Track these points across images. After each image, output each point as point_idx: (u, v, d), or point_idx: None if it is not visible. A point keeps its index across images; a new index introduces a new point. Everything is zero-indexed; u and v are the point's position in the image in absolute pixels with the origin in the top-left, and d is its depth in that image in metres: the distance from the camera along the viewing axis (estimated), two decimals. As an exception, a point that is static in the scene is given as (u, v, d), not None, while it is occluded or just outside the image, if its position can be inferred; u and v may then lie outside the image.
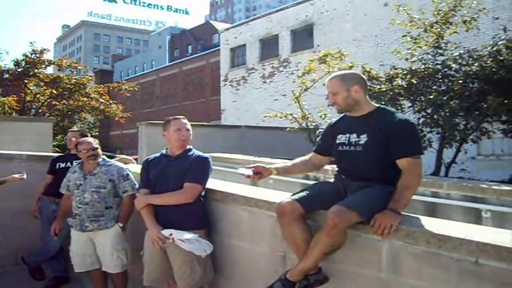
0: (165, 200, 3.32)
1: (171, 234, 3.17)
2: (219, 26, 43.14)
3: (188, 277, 3.22)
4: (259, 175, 2.97)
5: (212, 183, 3.58)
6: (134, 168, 4.88)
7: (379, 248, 2.48)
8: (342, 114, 2.94)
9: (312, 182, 5.62)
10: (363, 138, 2.69)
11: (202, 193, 3.40)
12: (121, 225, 3.97)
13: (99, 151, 4.13)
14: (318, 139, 3.24)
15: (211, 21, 53.08)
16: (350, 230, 2.53)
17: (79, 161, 4.23)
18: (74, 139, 5.08)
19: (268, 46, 21.53)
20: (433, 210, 5.01)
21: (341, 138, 2.82)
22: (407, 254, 2.38)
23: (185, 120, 3.53)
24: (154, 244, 3.26)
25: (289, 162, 3.15)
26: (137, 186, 3.95)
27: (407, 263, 2.38)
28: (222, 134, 11.96)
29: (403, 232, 2.38)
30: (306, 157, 3.14)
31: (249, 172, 2.96)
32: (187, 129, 3.48)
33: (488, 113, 6.47)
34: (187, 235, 3.15)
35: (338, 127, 2.91)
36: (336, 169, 2.94)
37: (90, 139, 4.23)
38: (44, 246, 5.00)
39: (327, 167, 3.32)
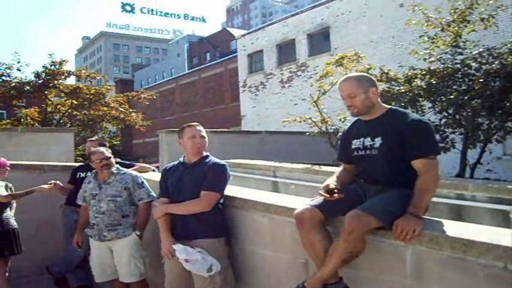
0: (181, 209, 3.30)
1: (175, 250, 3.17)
2: (236, 32, 43.28)
3: (208, 286, 3.18)
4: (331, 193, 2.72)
5: (231, 190, 3.55)
6: (154, 177, 4.91)
7: (402, 254, 2.42)
8: (355, 119, 2.90)
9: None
10: (378, 142, 2.64)
11: (221, 200, 3.37)
12: (138, 233, 3.97)
13: (112, 160, 4.16)
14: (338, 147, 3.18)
15: (228, 28, 53.26)
16: (372, 236, 2.49)
17: (94, 171, 4.26)
18: (92, 148, 5.18)
19: (285, 51, 21.48)
20: (458, 213, 4.91)
21: (356, 143, 2.78)
22: (432, 260, 2.31)
23: (199, 127, 3.50)
24: (165, 257, 3.26)
25: (335, 175, 2.92)
26: (152, 193, 3.98)
27: (432, 269, 2.32)
28: (241, 140, 11.94)
29: (426, 237, 2.31)
30: (341, 167, 3.04)
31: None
32: (202, 136, 3.44)
33: (510, 112, 6.30)
34: (186, 255, 3.10)
35: (352, 132, 2.87)
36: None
37: (102, 149, 4.25)
38: (67, 256, 5.06)
39: None
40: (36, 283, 5.35)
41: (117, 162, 4.90)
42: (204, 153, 3.47)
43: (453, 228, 2.35)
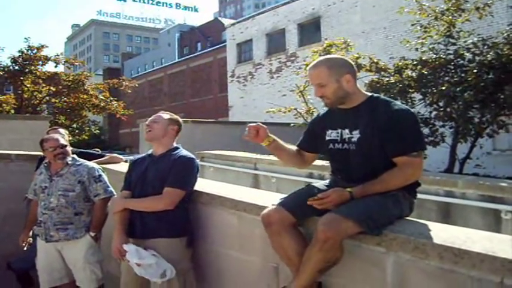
0: (142, 205, 2.98)
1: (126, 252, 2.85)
2: (228, 22, 42.85)
3: None
4: (253, 134, 2.59)
5: (198, 184, 3.21)
6: (122, 168, 4.57)
7: (383, 262, 2.12)
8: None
9: (316, 181, 5.25)
10: (356, 135, 2.30)
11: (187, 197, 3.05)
12: (93, 234, 3.54)
13: (68, 149, 3.68)
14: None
15: (220, 18, 52.65)
16: (350, 241, 2.18)
17: (46, 161, 3.78)
18: (46, 135, 4.89)
19: (275, 41, 21.17)
20: (447, 212, 4.64)
21: (331, 134, 2.42)
22: (417, 270, 2.01)
23: (162, 113, 3.21)
24: (115, 256, 2.94)
25: (286, 145, 2.71)
26: (111, 188, 3.59)
27: (416, 280, 2.02)
28: (227, 131, 11.63)
29: (411, 244, 2.00)
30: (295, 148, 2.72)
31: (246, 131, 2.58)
32: (155, 121, 3.12)
33: (505, 105, 6.02)
34: (138, 259, 2.79)
35: (328, 120, 2.49)
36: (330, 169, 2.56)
37: (56, 135, 3.79)
38: (32, 252, 4.71)
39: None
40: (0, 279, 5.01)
41: (84, 153, 4.48)
42: (174, 145, 3.14)
43: (442, 234, 2.03)
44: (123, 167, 4.72)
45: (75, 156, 3.76)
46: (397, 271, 2.07)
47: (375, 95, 2.47)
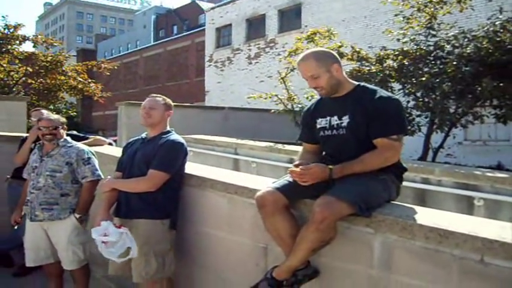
0: (126, 185, 3.09)
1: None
2: (206, 6, 42.33)
3: (142, 270, 2.97)
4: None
5: (188, 167, 3.29)
6: (109, 151, 4.59)
7: (370, 242, 2.25)
8: (319, 98, 2.66)
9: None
10: (345, 120, 2.42)
11: (174, 180, 3.12)
12: (77, 216, 3.56)
13: (61, 131, 3.70)
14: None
15: (197, 1, 52.00)
16: (340, 222, 2.28)
17: (40, 141, 3.79)
18: (36, 118, 4.85)
19: (255, 26, 21.09)
20: (422, 198, 4.82)
21: (321, 122, 2.54)
22: (403, 250, 2.14)
23: (158, 98, 3.26)
24: None
25: (308, 155, 2.69)
26: (99, 172, 3.63)
27: (402, 260, 2.14)
28: (205, 116, 11.63)
29: (399, 225, 2.13)
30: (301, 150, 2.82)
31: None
32: (152, 108, 3.18)
33: (481, 97, 6.24)
34: (98, 235, 2.89)
35: (317, 111, 2.62)
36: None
37: (52, 116, 3.81)
38: (12, 233, 4.70)
39: None
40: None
41: (68, 135, 4.48)
42: (167, 128, 3.23)
43: (428, 216, 2.17)
44: (108, 149, 4.74)
45: (68, 138, 3.77)
46: (384, 251, 2.19)
47: (362, 83, 2.59)
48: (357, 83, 2.57)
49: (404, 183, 4.67)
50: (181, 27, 51.02)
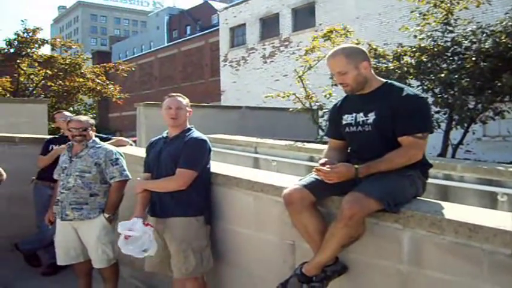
0: (157, 186, 3.17)
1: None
2: (218, 6, 42.42)
3: (182, 266, 3.04)
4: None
5: (214, 166, 3.34)
6: (132, 151, 4.67)
7: (399, 238, 2.27)
8: (346, 95, 2.68)
9: (316, 164, 5.39)
10: (371, 117, 2.44)
11: (203, 176, 3.18)
12: (107, 215, 3.64)
13: (90, 133, 3.78)
14: (327, 124, 2.97)
15: (209, 1, 52.14)
16: (367, 218, 2.31)
17: (70, 142, 3.87)
18: (62, 119, 4.98)
19: (269, 25, 21.11)
20: (445, 193, 4.81)
21: (347, 118, 2.57)
22: (432, 245, 2.15)
23: (180, 98, 3.30)
24: None
25: (334, 152, 2.70)
26: (127, 172, 3.71)
27: (431, 255, 2.16)
28: (222, 115, 11.68)
29: (427, 220, 2.14)
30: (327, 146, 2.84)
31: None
32: (179, 108, 3.22)
33: (501, 92, 6.19)
34: (122, 229, 3.00)
35: (343, 107, 2.65)
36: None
37: (82, 118, 3.88)
38: (40, 233, 4.81)
39: None
40: (6, 260, 5.10)
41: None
42: (187, 126, 3.27)
43: (458, 211, 2.19)
44: (131, 150, 4.83)
45: (96, 139, 3.86)
46: (413, 246, 2.22)
47: (389, 81, 2.61)
48: (384, 80, 2.59)
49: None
50: (194, 27, 51.23)
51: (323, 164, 2.38)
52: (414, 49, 7.10)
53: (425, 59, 6.83)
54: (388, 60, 7.30)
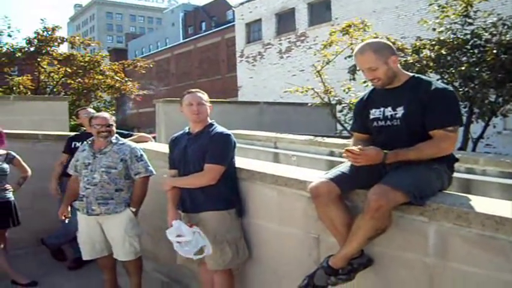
0: (186, 182, 3.20)
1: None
2: (233, 1, 42.41)
3: (219, 259, 3.09)
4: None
5: (237, 161, 3.37)
6: (154, 147, 4.75)
7: (425, 231, 2.28)
8: (372, 88, 2.69)
9: (336, 159, 5.41)
10: (400, 111, 2.45)
11: (230, 171, 3.22)
12: (133, 209, 3.72)
13: (114, 129, 3.85)
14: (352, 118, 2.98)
15: (224, -3, 52.30)
16: (393, 211, 2.31)
17: (90, 138, 3.95)
18: (85, 116, 5.03)
19: (285, 20, 21.06)
20: (467, 187, 4.78)
21: (375, 112, 2.58)
22: (458, 238, 2.16)
23: (200, 94, 3.31)
24: None
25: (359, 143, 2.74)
26: (151, 168, 3.77)
27: (457, 248, 2.17)
28: (240, 111, 11.72)
29: (454, 213, 2.15)
30: (352, 140, 2.86)
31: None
32: (200, 103, 3.24)
33: (523, 85, 6.12)
34: (175, 237, 3.04)
35: (370, 101, 2.66)
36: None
37: (106, 114, 3.96)
38: (64, 228, 4.91)
39: None
40: (32, 255, 5.24)
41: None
42: (209, 121, 3.30)
43: (484, 204, 2.20)
44: (152, 146, 4.90)
45: (118, 136, 3.93)
46: (439, 239, 2.23)
47: (417, 75, 2.62)
48: (411, 74, 2.60)
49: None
50: (209, 23, 51.34)
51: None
52: (433, 42, 7.03)
53: (444, 52, 6.76)
54: (407, 54, 7.24)
